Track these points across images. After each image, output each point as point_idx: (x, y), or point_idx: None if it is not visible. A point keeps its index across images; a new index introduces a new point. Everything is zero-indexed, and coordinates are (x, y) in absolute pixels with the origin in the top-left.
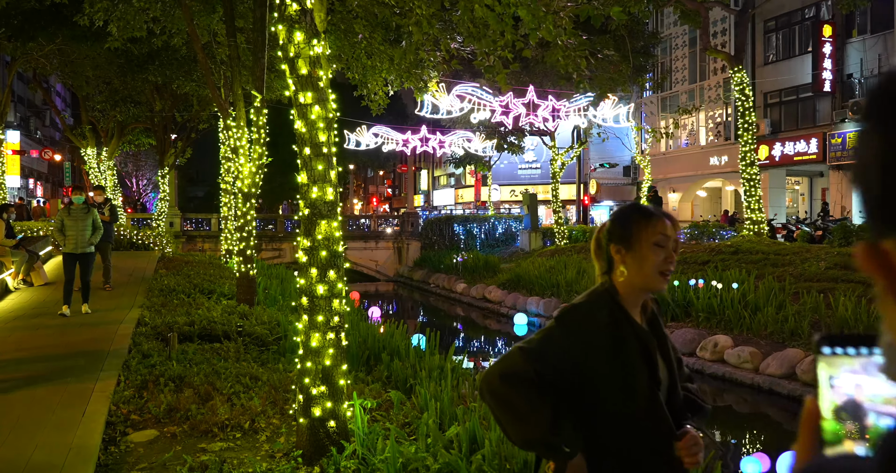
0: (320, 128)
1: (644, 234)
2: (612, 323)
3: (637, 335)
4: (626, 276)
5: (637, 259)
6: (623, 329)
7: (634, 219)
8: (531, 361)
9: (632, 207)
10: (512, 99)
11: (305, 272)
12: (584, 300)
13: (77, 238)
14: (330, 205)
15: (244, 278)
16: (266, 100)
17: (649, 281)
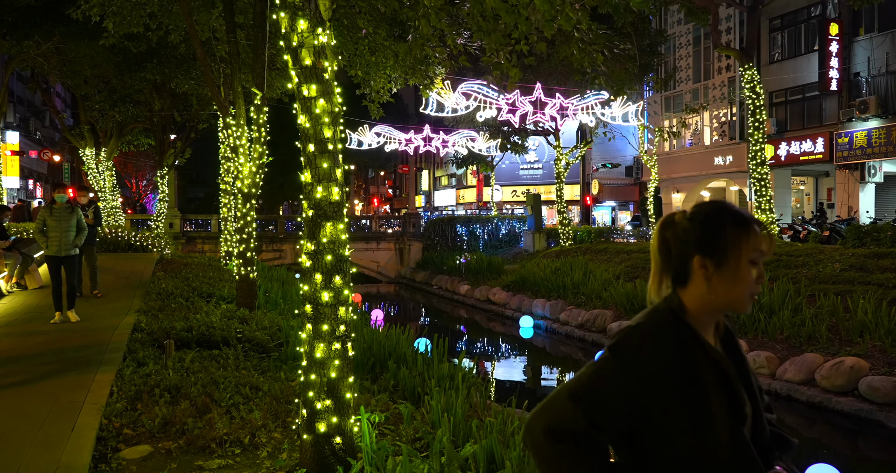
0: (325, 123)
1: (743, 248)
2: (682, 350)
3: (714, 363)
4: (707, 295)
5: (729, 278)
6: (696, 357)
7: (730, 227)
8: (582, 409)
9: (722, 209)
10: (519, 97)
11: (309, 278)
12: (644, 322)
13: (60, 240)
14: (335, 206)
15: (244, 281)
16: (266, 98)
17: (738, 303)
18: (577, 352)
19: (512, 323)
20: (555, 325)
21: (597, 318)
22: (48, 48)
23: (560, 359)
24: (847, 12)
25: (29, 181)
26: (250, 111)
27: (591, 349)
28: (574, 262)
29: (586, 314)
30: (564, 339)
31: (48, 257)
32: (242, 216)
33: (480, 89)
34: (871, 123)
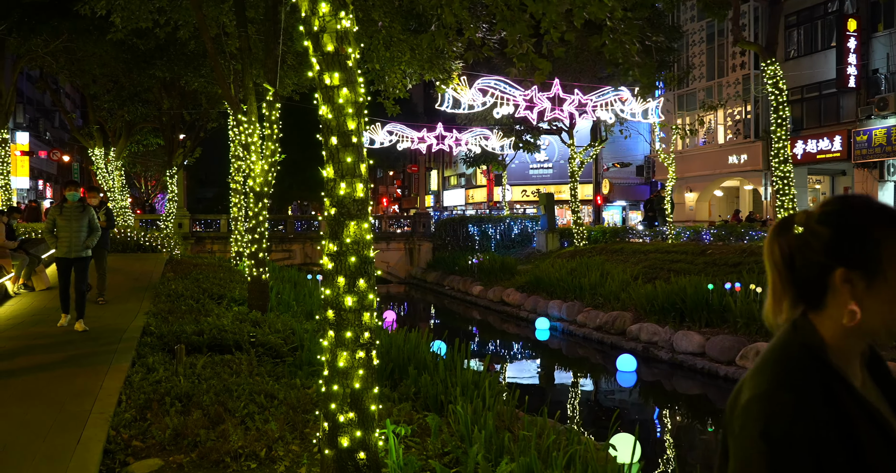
0: (349, 114)
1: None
2: (838, 417)
3: (872, 420)
4: (856, 319)
5: (887, 295)
6: (854, 417)
7: (884, 228)
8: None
9: (867, 205)
10: (536, 93)
11: (331, 281)
12: (782, 382)
13: (71, 240)
14: (360, 203)
15: (256, 282)
16: (278, 95)
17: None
18: (595, 355)
19: (527, 325)
20: (572, 327)
21: (616, 320)
22: (56, 47)
23: (578, 362)
24: (865, 8)
25: (39, 182)
26: (262, 108)
27: (610, 352)
28: (590, 262)
29: (605, 315)
30: (582, 341)
31: (57, 258)
32: (254, 216)
33: (498, 85)
34: (890, 120)
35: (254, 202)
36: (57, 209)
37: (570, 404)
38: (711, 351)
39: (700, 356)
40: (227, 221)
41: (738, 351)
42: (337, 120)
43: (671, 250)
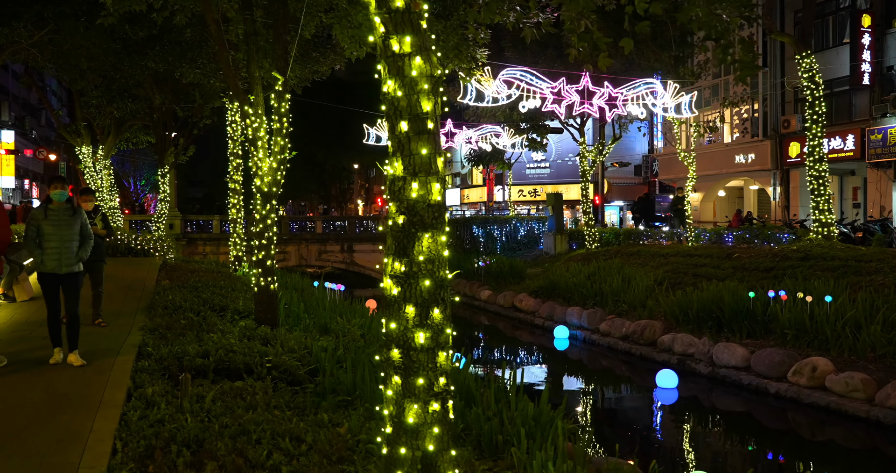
0: (423, 91)
1: None
2: None
3: None
4: None
5: None
6: None
7: None
8: None
9: None
10: (565, 86)
11: (397, 311)
12: None
13: (61, 252)
14: (436, 209)
15: (264, 294)
16: (288, 85)
17: None
18: (622, 367)
19: (542, 333)
20: (594, 336)
21: (644, 329)
22: (41, 38)
23: (607, 375)
24: (879, 3)
25: (25, 181)
26: (270, 99)
27: (639, 363)
28: (607, 266)
29: (632, 324)
30: (606, 352)
31: (43, 275)
32: (262, 219)
33: (524, 76)
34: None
35: (261, 204)
36: (41, 212)
37: (624, 432)
38: (758, 366)
39: (745, 370)
40: (219, 222)
41: (790, 366)
42: (408, 99)
43: (693, 254)
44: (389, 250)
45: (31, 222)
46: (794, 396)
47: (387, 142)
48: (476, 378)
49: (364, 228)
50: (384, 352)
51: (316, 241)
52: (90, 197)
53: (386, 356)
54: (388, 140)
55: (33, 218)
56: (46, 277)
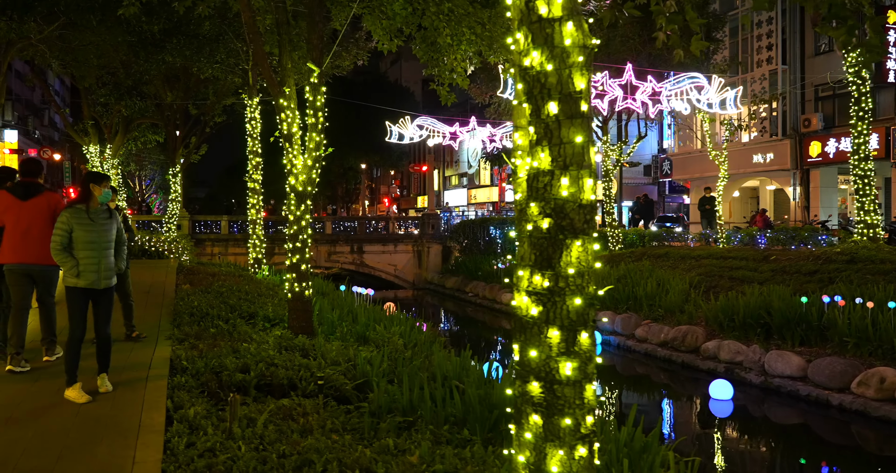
0: (576, 64)
1: None
2: None
3: None
4: None
5: None
6: None
7: None
8: None
9: None
10: (607, 80)
11: (535, 336)
12: None
13: (100, 262)
14: (588, 211)
15: (299, 300)
16: (324, 76)
17: None
18: (665, 375)
19: None
20: (629, 342)
21: (686, 335)
22: (51, 33)
23: (648, 384)
24: None
25: None
26: (305, 92)
27: (682, 371)
28: (636, 269)
29: (671, 330)
30: (643, 358)
31: (74, 290)
32: (296, 220)
33: None
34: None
35: (295, 204)
36: (76, 213)
37: (703, 451)
38: (817, 376)
39: (801, 380)
40: (227, 222)
41: (854, 377)
42: (558, 74)
43: (727, 256)
44: (526, 261)
45: (62, 225)
46: (861, 408)
47: (408, 140)
48: None
49: (375, 229)
50: (518, 385)
51: (325, 242)
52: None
53: (521, 390)
54: (530, 125)
55: (65, 219)
56: (78, 293)
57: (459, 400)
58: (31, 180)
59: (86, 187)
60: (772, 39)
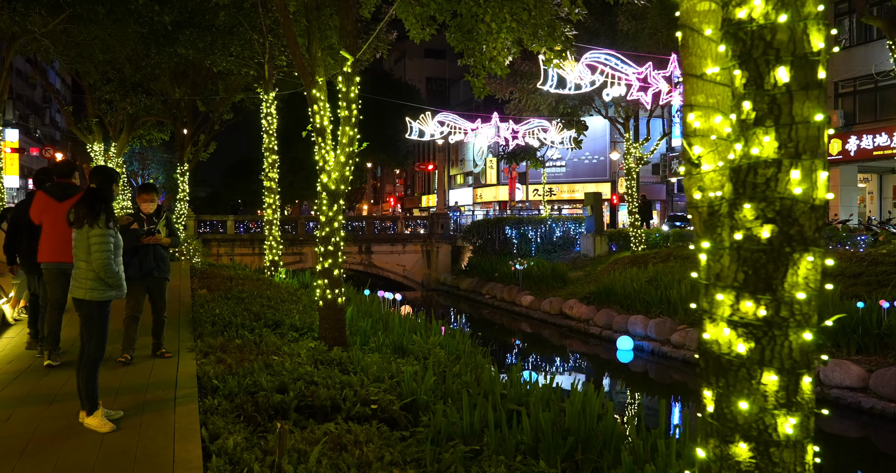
0: (813, 16)
1: None
2: None
3: None
4: None
5: None
6: None
7: None
8: None
9: None
10: (651, 71)
11: (742, 381)
12: None
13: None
14: (819, 215)
15: (331, 308)
16: (358, 65)
17: None
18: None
19: (599, 343)
20: (665, 348)
21: None
22: (55, 26)
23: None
24: None
25: (29, 181)
26: (337, 82)
27: None
28: (665, 270)
29: None
30: (681, 366)
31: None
32: (328, 221)
33: (609, 60)
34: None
35: (327, 204)
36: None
37: None
38: (881, 387)
39: (862, 391)
40: (233, 222)
41: None
42: (791, 29)
43: None
44: (727, 281)
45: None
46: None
47: (428, 137)
48: (624, 420)
49: (383, 228)
50: (713, 446)
51: None
52: (151, 196)
53: (720, 452)
54: (699, 107)
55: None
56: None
57: (528, 425)
58: (67, 180)
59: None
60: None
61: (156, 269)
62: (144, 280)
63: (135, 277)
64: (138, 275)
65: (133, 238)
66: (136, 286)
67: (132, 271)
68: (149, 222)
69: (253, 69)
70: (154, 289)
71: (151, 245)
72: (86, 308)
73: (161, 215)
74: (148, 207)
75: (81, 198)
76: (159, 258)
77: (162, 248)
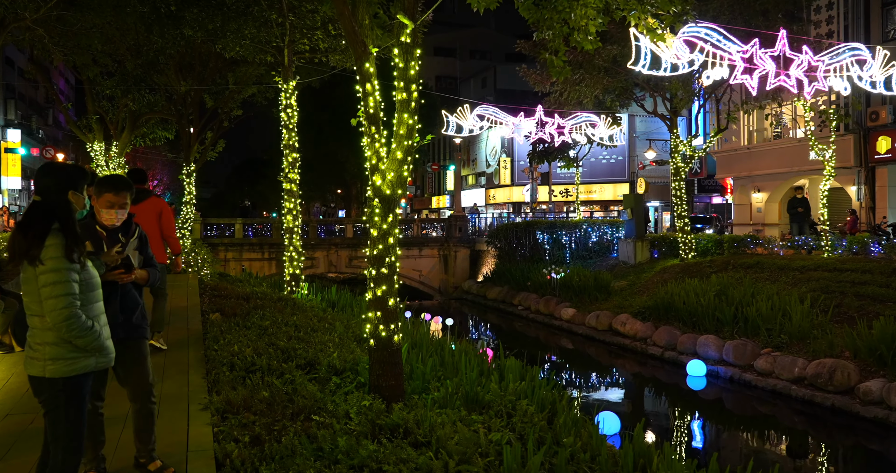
0: None
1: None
2: None
3: None
4: None
5: None
6: None
7: None
8: None
9: None
10: (757, 50)
11: None
12: None
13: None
14: None
15: (385, 349)
16: (418, 34)
17: None
18: (795, 418)
19: (661, 365)
20: (747, 375)
21: (833, 372)
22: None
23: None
24: None
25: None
26: (393, 55)
27: (833, 418)
28: (729, 282)
29: (810, 364)
30: (770, 397)
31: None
32: (381, 236)
33: (709, 36)
34: None
35: (381, 214)
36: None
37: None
38: None
39: None
40: (241, 226)
41: None
42: None
43: (842, 268)
44: None
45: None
46: None
47: (467, 132)
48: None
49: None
50: None
51: (346, 246)
52: (124, 197)
53: None
54: None
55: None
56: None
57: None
58: (139, 186)
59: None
60: (832, 26)
61: (124, 326)
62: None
63: None
64: None
65: None
66: None
67: None
68: (111, 240)
69: (270, 55)
70: (126, 359)
71: (119, 285)
72: (47, 391)
73: (132, 230)
74: (113, 215)
75: (19, 222)
76: (130, 306)
77: (134, 287)
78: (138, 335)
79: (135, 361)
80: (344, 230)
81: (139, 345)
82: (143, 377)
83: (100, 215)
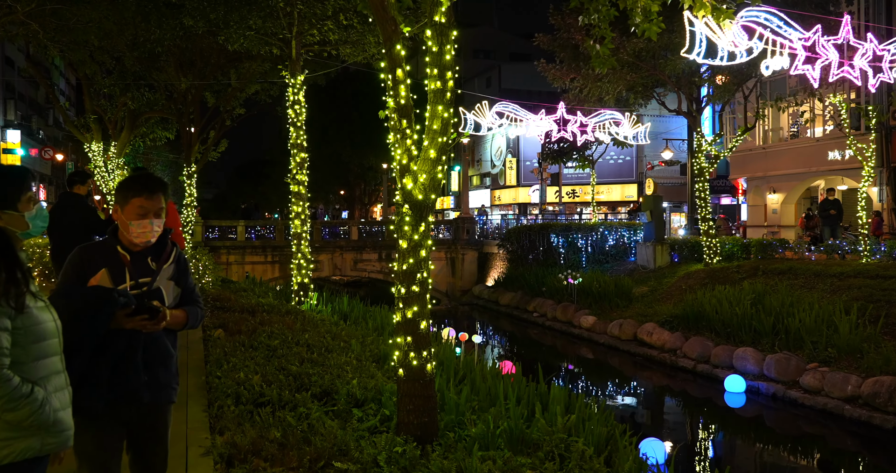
0: None
1: None
2: None
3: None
4: None
5: None
6: None
7: None
8: None
9: None
10: (820, 37)
11: None
12: None
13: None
14: None
15: (416, 381)
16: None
17: None
18: (848, 439)
19: (691, 379)
20: (793, 393)
21: (893, 391)
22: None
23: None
24: None
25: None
26: (426, 39)
27: (892, 441)
28: (763, 289)
29: (865, 382)
30: (820, 418)
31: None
32: (412, 249)
33: (770, 21)
34: None
35: (411, 223)
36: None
37: None
38: None
39: None
40: (244, 228)
41: None
42: None
43: (885, 275)
44: None
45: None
46: None
47: (485, 130)
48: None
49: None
50: None
51: (351, 249)
52: (157, 200)
53: None
54: None
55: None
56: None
57: None
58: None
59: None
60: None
61: (150, 386)
62: (122, 411)
63: (99, 403)
64: (109, 399)
65: (104, 313)
66: (105, 426)
67: (93, 390)
68: (137, 267)
69: (276, 47)
70: (144, 428)
71: (144, 332)
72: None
73: (168, 253)
74: (147, 229)
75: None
76: (158, 359)
77: (167, 334)
78: (165, 399)
79: (153, 434)
80: (349, 232)
81: (164, 412)
82: (159, 457)
83: (127, 231)
